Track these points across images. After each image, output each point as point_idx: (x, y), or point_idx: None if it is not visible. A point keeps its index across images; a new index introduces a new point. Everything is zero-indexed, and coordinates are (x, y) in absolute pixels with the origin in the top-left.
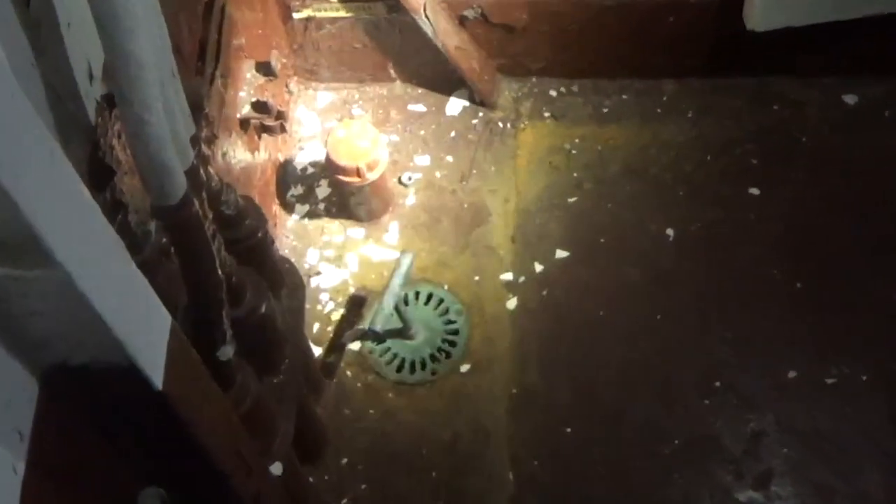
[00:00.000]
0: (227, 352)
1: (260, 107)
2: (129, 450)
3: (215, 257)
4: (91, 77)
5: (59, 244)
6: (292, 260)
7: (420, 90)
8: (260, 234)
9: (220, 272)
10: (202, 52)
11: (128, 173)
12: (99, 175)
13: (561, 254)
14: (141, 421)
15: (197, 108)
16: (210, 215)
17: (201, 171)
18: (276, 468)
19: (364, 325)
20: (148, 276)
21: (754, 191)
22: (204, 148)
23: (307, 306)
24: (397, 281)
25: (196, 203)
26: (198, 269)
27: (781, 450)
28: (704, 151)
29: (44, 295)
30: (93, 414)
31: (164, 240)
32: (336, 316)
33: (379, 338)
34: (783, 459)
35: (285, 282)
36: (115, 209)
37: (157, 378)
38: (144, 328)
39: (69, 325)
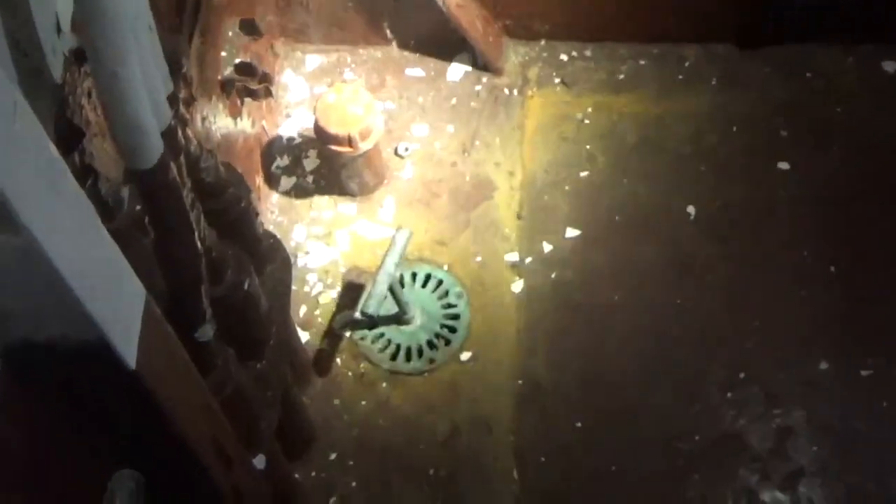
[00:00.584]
0: (207, 332)
1: (243, 68)
2: (100, 433)
3: (194, 228)
4: (59, 30)
5: (25, 206)
6: (277, 236)
7: (418, 53)
8: (243, 205)
9: (199, 245)
10: (181, 7)
11: (98, 135)
12: (66, 137)
13: (571, 233)
14: (112, 403)
15: (174, 68)
16: (188, 183)
17: (179, 133)
18: (259, 461)
19: (355, 308)
20: (120, 247)
21: (783, 166)
22: (182, 109)
23: (294, 287)
24: (392, 261)
25: (173, 168)
26: (175, 241)
27: (811, 448)
28: (729, 123)
29: (6, 263)
30: (60, 394)
31: (138, 208)
32: (325, 298)
33: (372, 323)
34: (813, 459)
35: (270, 258)
36: (84, 174)
37: (130, 356)
38: (117, 301)
39: (34, 298)
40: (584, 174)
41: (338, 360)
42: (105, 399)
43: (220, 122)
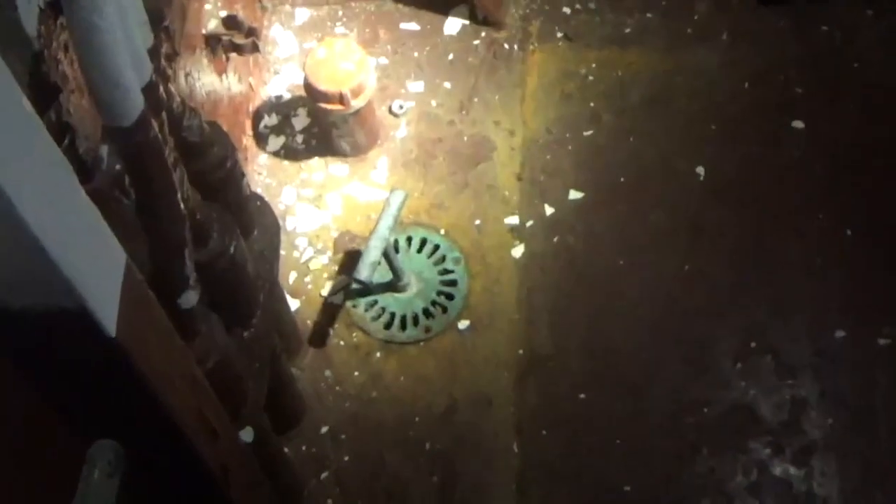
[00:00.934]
0: (191, 298)
1: (229, 22)
2: (79, 403)
3: (177, 189)
4: None
5: None
6: (265, 199)
7: (413, 6)
8: (228, 165)
9: (182, 207)
10: None
11: (75, 91)
12: (42, 93)
13: (574, 195)
14: (91, 372)
15: (156, 20)
16: (171, 142)
17: (161, 88)
18: (247, 434)
19: (348, 275)
20: (99, 209)
21: (798, 124)
22: (164, 64)
23: (282, 252)
24: (386, 224)
25: (155, 125)
26: (157, 203)
27: (825, 421)
28: (740, 79)
29: None
30: (37, 364)
31: (118, 168)
32: (315, 265)
33: (365, 290)
34: (827, 432)
35: (257, 222)
36: (60, 132)
37: (110, 323)
38: (96, 266)
39: (8, 263)
40: (588, 133)
41: (329, 329)
42: (84, 368)
43: (204, 78)
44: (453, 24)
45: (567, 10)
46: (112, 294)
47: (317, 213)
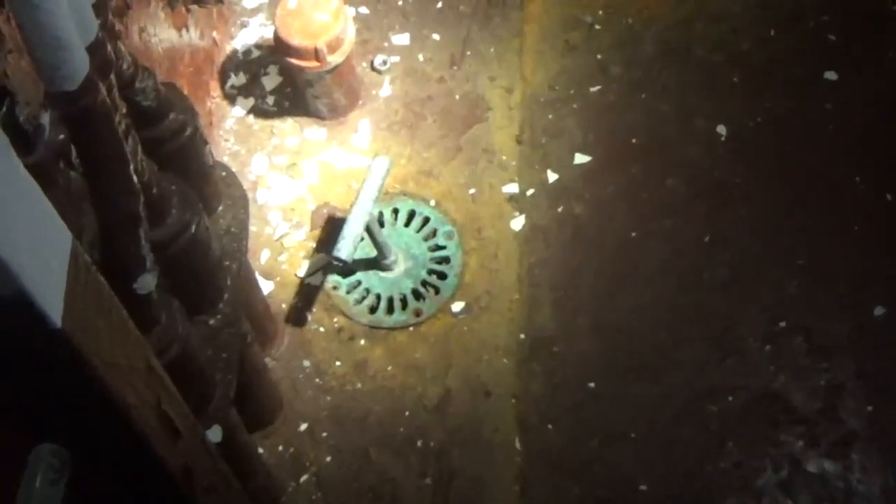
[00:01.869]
0: (147, 282)
1: None
2: (20, 402)
3: (128, 160)
4: None
5: None
6: (232, 169)
7: None
8: (188, 132)
9: (135, 179)
10: None
11: (13, 52)
12: None
13: (581, 159)
14: (34, 366)
15: None
16: (121, 107)
17: (108, 47)
18: (215, 433)
19: (327, 252)
20: (41, 185)
21: (831, 75)
22: (113, 19)
23: (253, 228)
24: (369, 195)
25: (102, 89)
26: (106, 176)
27: (865, 408)
28: (767, 25)
29: None
30: None
31: (62, 137)
32: (290, 241)
33: (346, 269)
34: (867, 421)
35: (223, 195)
36: None
37: (55, 313)
38: (37, 248)
39: None
40: (595, 89)
41: (307, 314)
42: (25, 363)
43: (161, 34)
44: None
45: None
46: (56, 280)
47: (291, 183)
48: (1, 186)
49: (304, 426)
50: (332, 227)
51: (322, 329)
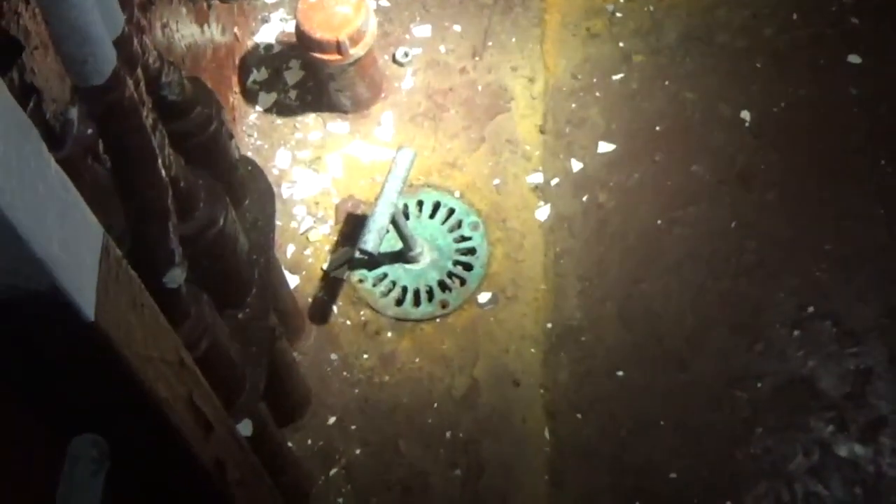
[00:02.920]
0: (177, 276)
1: None
2: (55, 395)
3: (157, 154)
4: None
5: None
6: (257, 163)
7: None
8: (214, 126)
9: (164, 174)
10: None
11: (39, 48)
12: (2, 51)
13: (605, 147)
14: (68, 360)
15: None
16: (148, 101)
17: (135, 41)
18: (245, 427)
19: (352, 245)
20: (70, 179)
21: (855, 59)
22: (138, 14)
23: (278, 223)
24: (393, 187)
25: (129, 83)
26: (135, 170)
27: (894, 392)
28: (790, 9)
29: None
30: (6, 353)
31: (90, 132)
32: (316, 235)
33: (372, 262)
34: None
35: (249, 189)
36: (24, 95)
37: (88, 306)
38: (70, 243)
39: None
40: (618, 77)
41: (333, 307)
42: (60, 356)
43: (183, 29)
44: None
45: None
46: (89, 274)
47: (315, 177)
48: (34, 182)
49: (332, 419)
50: (356, 221)
51: (348, 322)
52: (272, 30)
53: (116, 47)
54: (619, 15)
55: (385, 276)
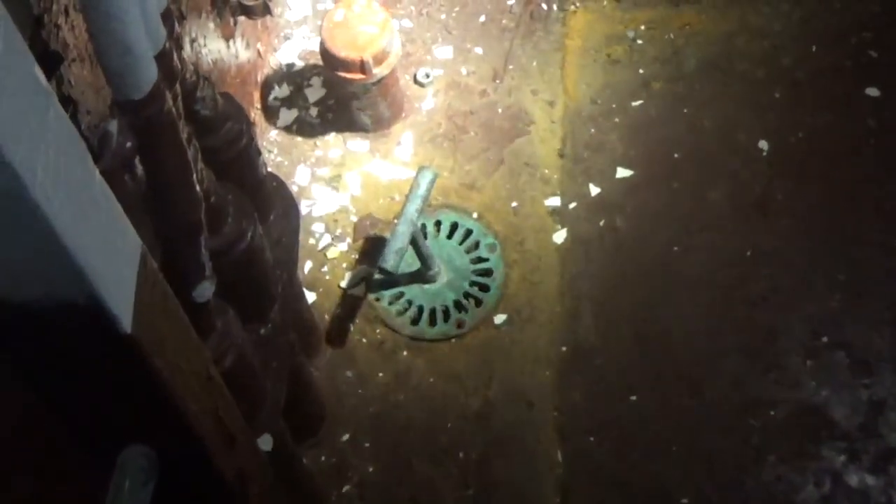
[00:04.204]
0: (206, 290)
1: None
2: (87, 408)
3: (192, 168)
4: None
5: (9, 139)
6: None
7: None
8: (243, 142)
9: (198, 188)
10: None
11: (76, 60)
12: (42, 63)
13: (623, 173)
14: (102, 373)
15: None
16: (183, 115)
17: (175, 56)
18: (265, 442)
19: (370, 264)
20: None
21: (873, 91)
22: (178, 29)
23: None
24: (414, 207)
25: (168, 97)
26: (170, 184)
27: None
28: (809, 41)
29: None
30: (39, 364)
31: (129, 145)
32: (334, 252)
33: (390, 280)
34: None
35: (274, 205)
36: (62, 106)
37: (126, 318)
38: (110, 254)
39: (14, 249)
40: (637, 103)
41: (350, 324)
42: (94, 369)
43: (210, 45)
44: None
45: None
46: (127, 286)
47: (334, 194)
48: (80, 192)
49: (346, 436)
50: (374, 239)
51: (364, 340)
52: (294, 47)
53: (157, 62)
54: (639, 42)
55: (402, 294)
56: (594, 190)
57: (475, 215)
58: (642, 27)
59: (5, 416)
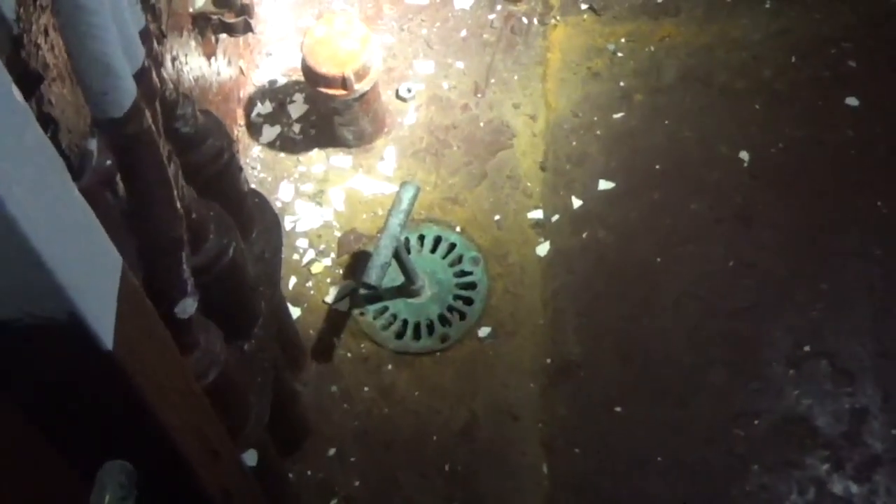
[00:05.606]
0: (188, 307)
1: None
2: (67, 426)
3: (173, 185)
4: None
5: None
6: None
7: None
8: (225, 158)
9: (178, 205)
10: None
11: (56, 80)
12: (22, 83)
13: (605, 185)
14: (82, 390)
15: None
16: (163, 133)
17: (154, 74)
18: (250, 457)
19: (354, 279)
20: None
21: (852, 101)
22: (157, 48)
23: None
24: (397, 221)
25: (148, 115)
26: (151, 201)
27: (889, 432)
28: (788, 52)
29: None
30: (19, 383)
31: (108, 163)
32: (317, 268)
33: (374, 295)
34: (891, 444)
35: (256, 221)
36: (42, 125)
37: (107, 336)
38: (90, 272)
39: None
40: (618, 116)
41: (335, 339)
42: (74, 386)
43: (192, 62)
44: None
45: None
46: (108, 303)
47: (318, 210)
48: (58, 209)
49: (332, 451)
50: (358, 254)
51: (349, 354)
52: (276, 64)
53: (136, 80)
54: (619, 55)
55: (386, 309)
56: (576, 202)
57: (458, 229)
58: (622, 40)
59: None
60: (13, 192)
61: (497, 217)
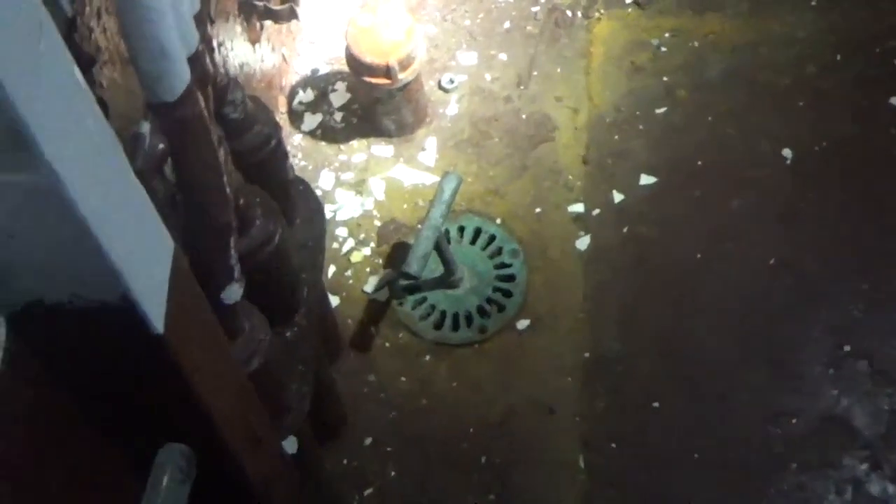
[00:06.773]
0: (235, 292)
1: None
2: (115, 409)
3: (223, 170)
4: None
5: (48, 139)
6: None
7: None
8: (271, 145)
9: (227, 190)
10: None
11: (108, 63)
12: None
13: (646, 180)
14: (131, 373)
15: None
16: (213, 118)
17: (207, 58)
18: (290, 445)
19: (394, 269)
20: None
21: None
22: (210, 32)
23: None
24: (439, 212)
25: (201, 100)
26: (201, 185)
27: None
28: (833, 50)
29: (20, 208)
30: (70, 365)
31: (161, 146)
32: (357, 257)
33: (413, 285)
34: None
35: (300, 208)
36: None
37: (158, 319)
38: (144, 254)
39: (50, 249)
40: (661, 111)
41: (372, 329)
42: (124, 369)
43: (237, 49)
44: None
45: None
46: (160, 287)
47: (358, 199)
48: (116, 193)
49: (368, 441)
50: (398, 244)
51: (387, 345)
52: (319, 52)
53: (190, 64)
54: (663, 49)
55: (425, 299)
56: (618, 197)
57: (498, 221)
58: (666, 35)
59: (38, 418)
60: (74, 176)
61: (537, 210)
